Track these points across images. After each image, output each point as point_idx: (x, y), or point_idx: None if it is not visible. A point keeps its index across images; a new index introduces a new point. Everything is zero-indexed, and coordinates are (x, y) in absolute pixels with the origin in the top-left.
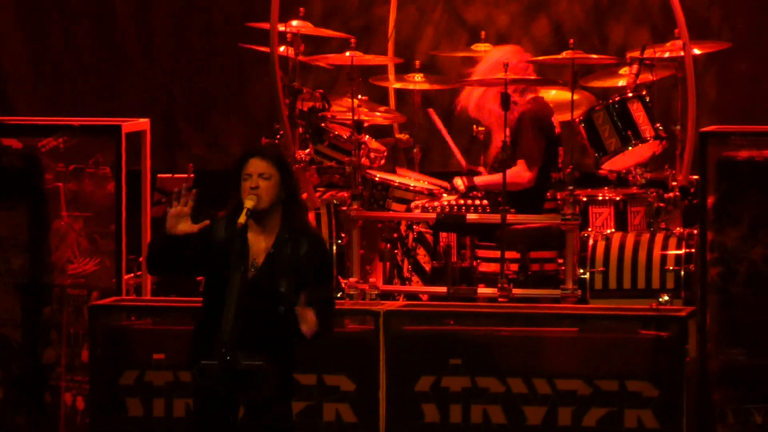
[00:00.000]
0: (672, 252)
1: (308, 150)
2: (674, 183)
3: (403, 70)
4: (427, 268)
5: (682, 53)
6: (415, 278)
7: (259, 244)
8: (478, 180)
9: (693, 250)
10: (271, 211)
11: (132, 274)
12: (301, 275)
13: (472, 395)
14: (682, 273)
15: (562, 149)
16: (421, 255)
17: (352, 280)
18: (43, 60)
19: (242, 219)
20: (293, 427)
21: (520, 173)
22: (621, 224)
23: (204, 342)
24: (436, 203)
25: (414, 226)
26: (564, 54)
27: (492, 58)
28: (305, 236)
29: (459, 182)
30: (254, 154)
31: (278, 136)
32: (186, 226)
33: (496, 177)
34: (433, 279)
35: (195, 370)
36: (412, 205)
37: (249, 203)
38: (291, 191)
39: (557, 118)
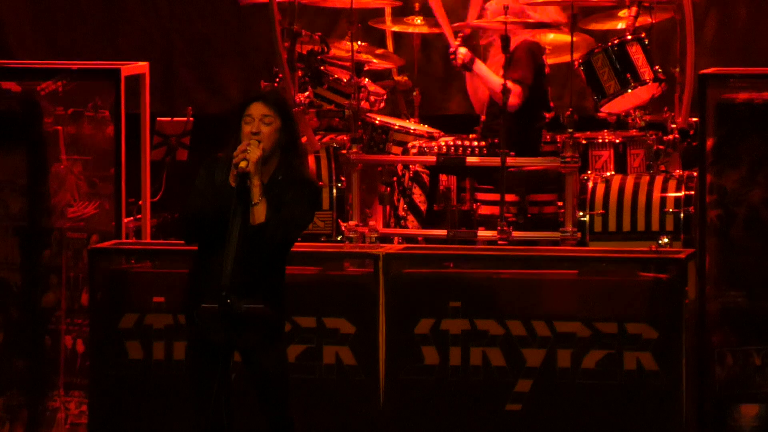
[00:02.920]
0: (671, 194)
1: (307, 93)
2: (673, 125)
3: (402, 13)
4: (423, 208)
5: None
6: (410, 217)
7: (255, 186)
8: (478, 64)
9: (692, 193)
10: (270, 156)
11: (131, 218)
12: None
13: (472, 338)
14: (682, 215)
15: (551, 89)
16: (417, 194)
17: (351, 223)
18: (41, 4)
19: (243, 164)
20: (286, 378)
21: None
22: (620, 167)
23: (201, 285)
24: (433, 143)
25: (410, 166)
26: None
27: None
28: (297, 180)
29: (462, 50)
30: (257, 98)
31: (277, 80)
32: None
33: (491, 75)
34: (432, 221)
35: (195, 314)
36: (409, 145)
37: (242, 164)
38: (291, 137)
39: (553, 61)
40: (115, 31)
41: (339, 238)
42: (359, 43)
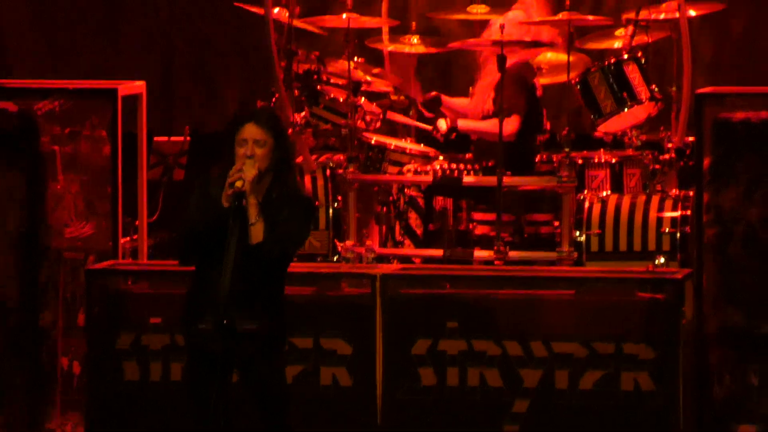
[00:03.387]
0: (668, 214)
1: (304, 113)
2: (670, 145)
3: (398, 32)
4: (419, 231)
5: (677, 14)
6: (407, 241)
7: (252, 206)
8: (461, 123)
9: (689, 212)
10: (265, 175)
11: (128, 237)
12: None
13: (469, 358)
14: (678, 235)
15: (546, 111)
16: (413, 219)
17: (348, 243)
18: (43, 19)
19: (239, 184)
20: (286, 389)
21: (504, 123)
22: (617, 186)
23: (199, 304)
24: (428, 167)
25: (405, 190)
26: (560, 15)
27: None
28: (292, 198)
29: (442, 123)
30: (249, 120)
31: (274, 99)
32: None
33: (480, 123)
34: (429, 242)
35: (191, 331)
36: (404, 168)
37: (239, 183)
38: (284, 155)
39: (550, 81)
40: (114, 49)
41: (336, 258)
42: (356, 59)
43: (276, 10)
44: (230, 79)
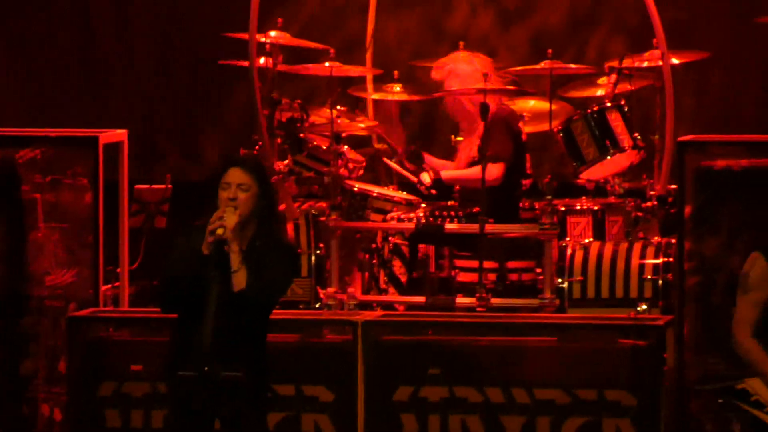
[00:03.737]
0: (650, 261)
1: (287, 161)
2: (652, 192)
3: (381, 80)
4: (403, 279)
5: (660, 63)
6: (391, 289)
7: (234, 253)
8: (445, 174)
9: (671, 260)
10: (248, 222)
11: (110, 285)
12: None
13: (451, 405)
14: (660, 282)
15: (530, 156)
16: (397, 267)
17: (330, 290)
18: (24, 72)
19: (220, 231)
20: None
21: (488, 170)
22: (599, 234)
23: (181, 353)
24: (412, 214)
25: (390, 238)
26: (542, 64)
27: (460, 68)
28: (275, 245)
29: (425, 176)
30: (234, 164)
31: (257, 147)
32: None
33: (464, 172)
34: (410, 289)
35: (172, 381)
36: (388, 216)
37: (219, 230)
38: (268, 203)
39: (533, 130)
40: (96, 98)
41: (318, 305)
42: (339, 108)
43: (261, 60)
44: (212, 128)
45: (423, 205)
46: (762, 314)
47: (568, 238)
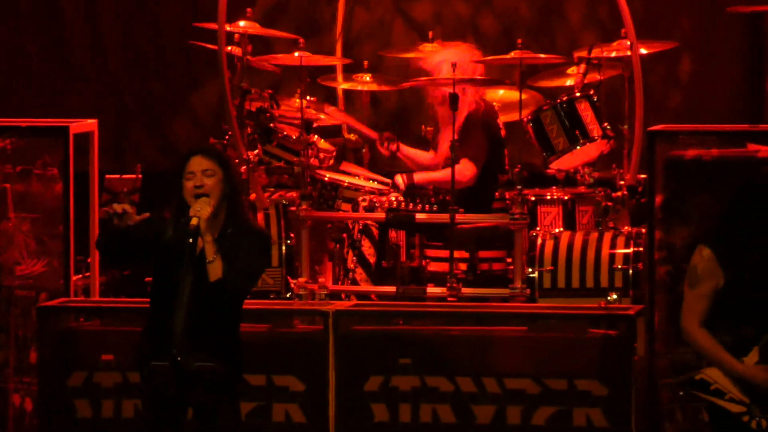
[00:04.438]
0: (620, 251)
1: (257, 150)
2: (622, 182)
3: (351, 70)
4: (372, 261)
5: (629, 53)
6: (359, 270)
7: (209, 243)
8: (417, 177)
9: (641, 249)
10: (217, 208)
11: (80, 275)
12: None
13: (422, 394)
14: (631, 272)
15: (507, 151)
16: (366, 247)
17: (301, 280)
18: None
19: (194, 222)
20: (240, 429)
21: (462, 171)
22: (569, 223)
23: (153, 343)
24: (383, 198)
25: (360, 220)
26: (512, 54)
27: (442, 56)
28: (247, 232)
29: (399, 179)
30: (196, 153)
31: (226, 137)
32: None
33: (436, 174)
34: (382, 278)
35: (145, 372)
36: (359, 199)
37: (194, 221)
38: (234, 187)
39: (502, 120)
40: (65, 89)
41: (288, 295)
42: (309, 98)
43: (229, 48)
44: (181, 118)
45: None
46: (709, 305)
47: (538, 228)
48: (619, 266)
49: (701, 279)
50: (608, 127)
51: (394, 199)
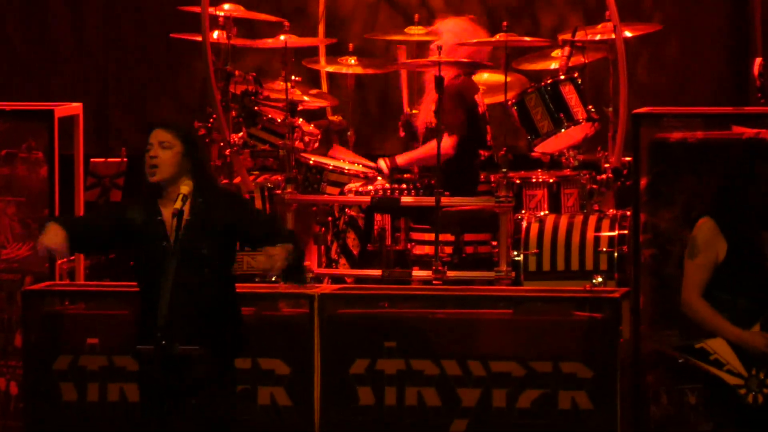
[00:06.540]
0: (605, 234)
1: (241, 133)
2: (607, 165)
3: (336, 53)
4: (355, 252)
5: (613, 36)
6: (342, 261)
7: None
8: (399, 159)
9: (626, 232)
10: (176, 182)
11: (65, 259)
12: (222, 233)
13: (407, 377)
14: (616, 254)
15: (490, 128)
16: (351, 238)
17: None
18: None
19: (178, 205)
20: (233, 412)
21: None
22: (554, 206)
23: (144, 327)
24: (370, 187)
25: (346, 210)
26: (497, 37)
27: (447, 28)
28: (218, 196)
29: (382, 163)
30: (156, 125)
31: (211, 120)
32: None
33: (416, 152)
34: (367, 262)
35: (132, 355)
36: (346, 188)
37: (177, 204)
38: (197, 162)
39: (483, 98)
40: (49, 73)
41: (274, 279)
42: (294, 78)
43: (215, 34)
44: (166, 101)
45: (379, 178)
46: (709, 276)
47: (523, 211)
48: (604, 249)
49: (701, 250)
50: (593, 109)
51: (380, 185)
